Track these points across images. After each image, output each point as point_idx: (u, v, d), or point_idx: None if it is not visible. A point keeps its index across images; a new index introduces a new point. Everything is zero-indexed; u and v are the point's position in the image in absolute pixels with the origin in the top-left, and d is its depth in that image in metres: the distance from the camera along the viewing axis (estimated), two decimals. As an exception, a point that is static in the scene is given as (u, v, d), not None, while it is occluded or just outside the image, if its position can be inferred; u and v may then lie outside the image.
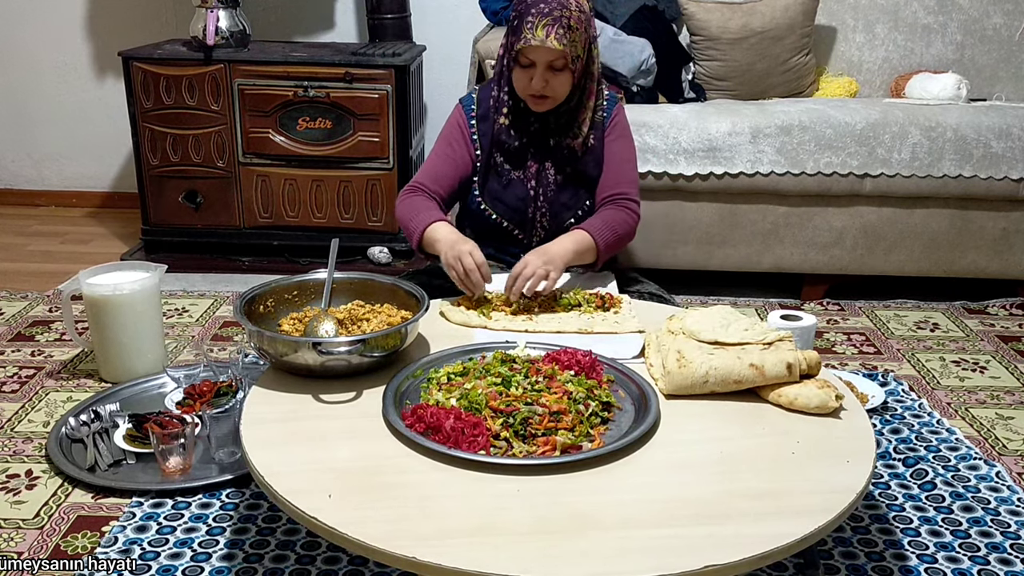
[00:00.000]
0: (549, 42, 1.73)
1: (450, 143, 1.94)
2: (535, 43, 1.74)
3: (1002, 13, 3.06)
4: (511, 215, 1.94)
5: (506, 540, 1.05)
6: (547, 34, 1.73)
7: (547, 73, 1.78)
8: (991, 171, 2.59)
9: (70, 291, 2.13)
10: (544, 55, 1.76)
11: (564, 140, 1.89)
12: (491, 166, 1.93)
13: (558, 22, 1.74)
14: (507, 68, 1.86)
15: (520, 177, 1.92)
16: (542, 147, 1.91)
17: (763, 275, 2.82)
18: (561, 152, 1.90)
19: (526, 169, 1.92)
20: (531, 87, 1.80)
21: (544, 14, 1.74)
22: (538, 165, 1.91)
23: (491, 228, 1.96)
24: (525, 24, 1.76)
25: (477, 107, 1.94)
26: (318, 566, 1.47)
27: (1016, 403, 2.13)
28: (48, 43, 3.51)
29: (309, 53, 2.93)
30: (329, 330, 1.50)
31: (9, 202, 3.70)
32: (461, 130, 1.94)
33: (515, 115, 1.89)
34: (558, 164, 1.91)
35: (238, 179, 2.94)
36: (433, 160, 1.95)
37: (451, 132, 1.95)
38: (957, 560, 1.52)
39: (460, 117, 1.96)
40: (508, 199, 1.93)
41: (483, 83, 2.00)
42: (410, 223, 1.84)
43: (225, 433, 1.72)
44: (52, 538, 1.55)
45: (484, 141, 1.93)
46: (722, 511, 1.11)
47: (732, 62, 2.90)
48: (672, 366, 1.39)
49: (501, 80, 1.89)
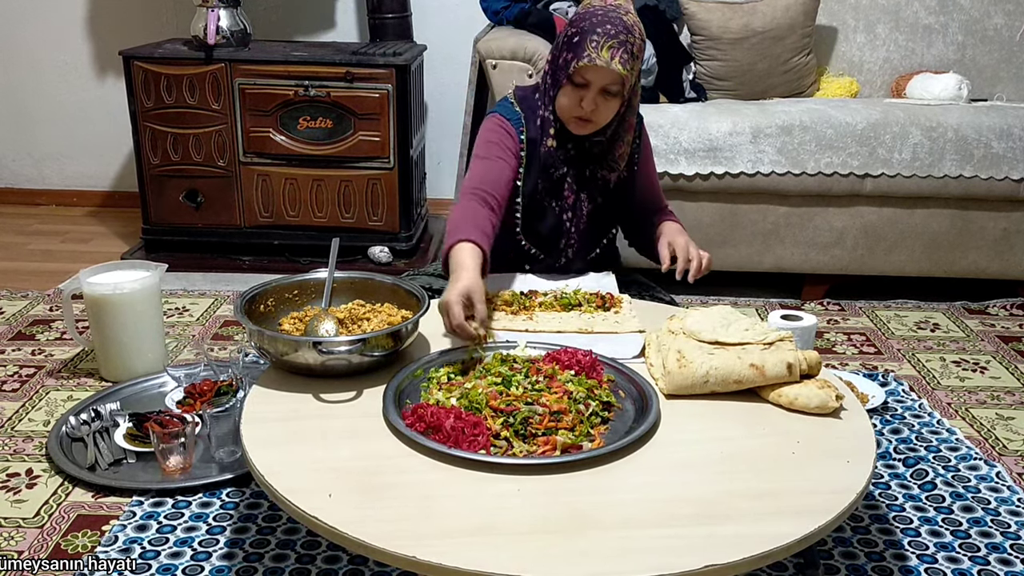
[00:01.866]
0: (614, 65, 1.65)
1: (501, 154, 1.78)
2: (600, 63, 1.65)
3: (1003, 13, 3.06)
4: (541, 243, 1.88)
5: (506, 540, 1.05)
6: (612, 56, 1.65)
7: (599, 96, 1.70)
8: (992, 171, 2.59)
9: (71, 290, 2.13)
10: (604, 77, 1.67)
11: (599, 170, 1.84)
12: (535, 193, 1.83)
13: (624, 46, 1.66)
14: (553, 85, 1.76)
15: (555, 206, 1.85)
16: (579, 176, 1.84)
17: (763, 275, 2.82)
18: (595, 183, 1.85)
19: (563, 199, 1.84)
20: (580, 108, 1.71)
21: (611, 36, 1.66)
22: (575, 196, 1.85)
23: (519, 251, 1.89)
24: (589, 42, 1.66)
25: (526, 125, 1.81)
26: (318, 565, 1.47)
27: (1016, 403, 2.13)
28: (49, 42, 3.51)
29: (310, 52, 2.93)
30: (329, 329, 1.50)
31: (9, 201, 3.70)
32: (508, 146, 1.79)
33: (558, 138, 1.79)
34: (591, 195, 1.86)
35: (239, 178, 2.94)
36: (489, 164, 1.78)
37: (500, 142, 1.80)
38: (957, 560, 1.52)
39: (509, 131, 1.80)
40: (541, 229, 1.86)
41: (517, 95, 1.86)
42: (452, 231, 1.65)
43: (225, 432, 1.72)
44: (52, 537, 1.55)
45: (531, 164, 1.81)
46: (722, 511, 1.11)
47: (733, 62, 2.90)
48: (672, 366, 1.39)
49: (546, 98, 1.79)
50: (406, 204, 2.97)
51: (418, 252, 3.08)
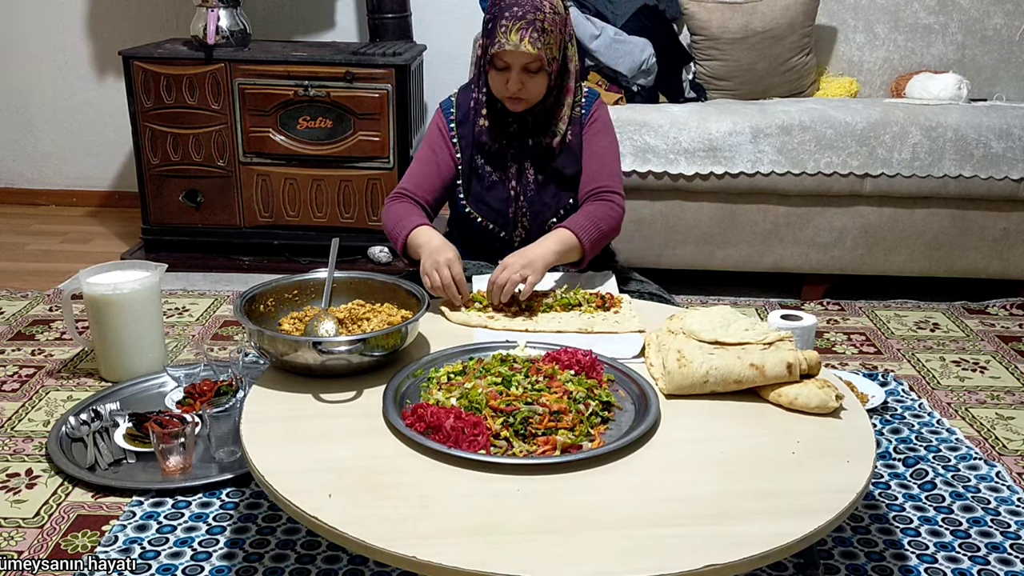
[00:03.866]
0: (523, 46, 1.73)
1: (432, 148, 1.94)
2: (509, 47, 1.74)
3: (1003, 13, 3.06)
4: (494, 217, 1.94)
5: (506, 540, 1.05)
6: (521, 38, 1.73)
7: (522, 75, 1.78)
8: (991, 171, 2.59)
9: (70, 290, 2.13)
10: (518, 58, 1.76)
11: (542, 139, 1.90)
12: (473, 169, 1.93)
13: (531, 25, 1.73)
14: (483, 70, 1.86)
15: (501, 178, 1.92)
16: (521, 147, 1.91)
17: (763, 275, 2.82)
18: (540, 151, 1.90)
19: (507, 170, 1.92)
20: (507, 89, 1.80)
21: (518, 17, 1.74)
22: (517, 165, 1.91)
23: (477, 231, 1.96)
24: (499, 28, 1.75)
25: (456, 111, 1.94)
26: (318, 565, 1.47)
27: (1016, 403, 2.13)
28: (48, 42, 3.51)
29: (309, 52, 2.93)
30: (329, 329, 1.50)
31: (9, 201, 3.70)
32: (442, 134, 1.94)
33: (493, 116, 1.89)
34: (537, 164, 1.91)
35: (238, 178, 2.94)
36: (417, 166, 1.95)
37: (433, 137, 1.95)
38: (957, 560, 1.52)
39: (441, 121, 1.95)
40: (491, 201, 1.93)
41: (461, 86, 2.00)
42: (394, 229, 1.84)
43: (225, 432, 1.72)
44: (52, 537, 1.55)
45: (465, 144, 1.92)
46: (722, 511, 1.11)
47: (733, 62, 2.90)
48: (672, 366, 1.40)
49: (479, 81, 1.89)
50: (406, 204, 2.97)
51: (418, 252, 3.08)
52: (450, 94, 2.00)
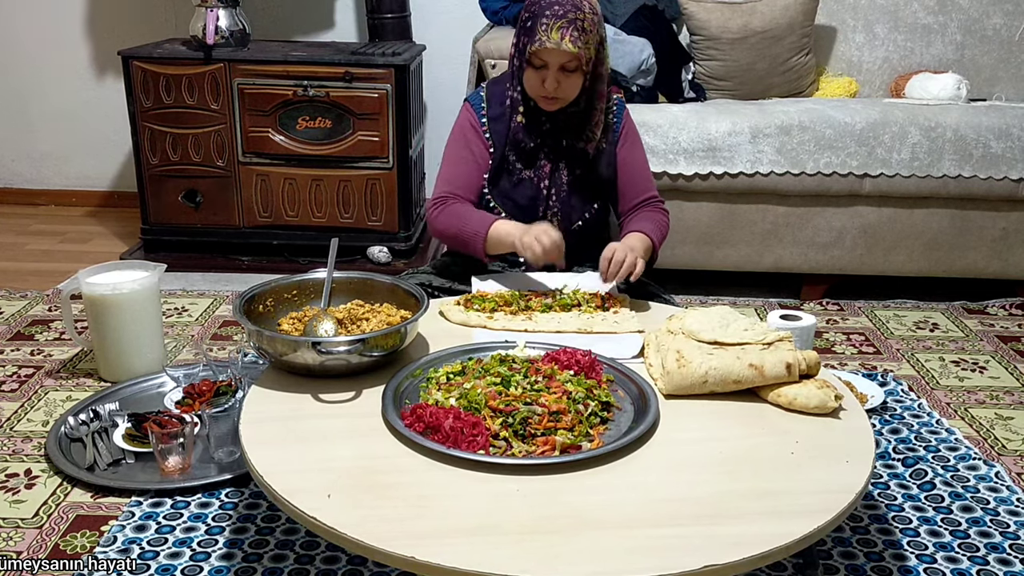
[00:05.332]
0: (564, 45, 1.73)
1: (467, 146, 1.93)
2: (550, 45, 1.73)
3: (1002, 13, 3.06)
4: (519, 213, 1.92)
5: (506, 540, 1.05)
6: (562, 36, 1.73)
7: (559, 74, 1.78)
8: (991, 171, 2.59)
9: (69, 290, 2.13)
10: (558, 57, 1.76)
11: (576, 142, 1.90)
12: (504, 165, 1.92)
13: (573, 24, 1.73)
14: (518, 68, 1.85)
15: (531, 177, 1.92)
16: (555, 148, 1.91)
17: (763, 275, 2.82)
18: (574, 153, 1.91)
19: (539, 169, 1.91)
20: (543, 88, 1.80)
21: (559, 16, 1.74)
22: (551, 165, 1.91)
23: None
24: (540, 26, 1.75)
25: (487, 106, 1.93)
26: (317, 566, 1.47)
27: (1015, 403, 2.13)
28: (48, 42, 3.50)
29: (309, 52, 2.93)
30: (329, 330, 1.50)
31: (9, 201, 3.70)
32: (475, 129, 1.93)
33: (528, 115, 1.89)
34: (570, 166, 1.92)
35: (238, 178, 2.94)
36: (453, 167, 1.93)
37: (465, 134, 1.94)
38: (956, 560, 1.52)
39: (471, 116, 1.94)
40: (517, 198, 1.93)
41: (489, 80, 2.00)
42: (462, 231, 1.83)
43: (224, 432, 1.72)
44: (51, 537, 1.55)
45: (498, 139, 1.91)
46: (722, 511, 1.11)
47: (732, 62, 2.90)
48: (672, 366, 1.39)
49: (514, 80, 1.88)
50: (405, 204, 2.97)
51: (417, 252, 3.08)
52: (477, 89, 1.99)
